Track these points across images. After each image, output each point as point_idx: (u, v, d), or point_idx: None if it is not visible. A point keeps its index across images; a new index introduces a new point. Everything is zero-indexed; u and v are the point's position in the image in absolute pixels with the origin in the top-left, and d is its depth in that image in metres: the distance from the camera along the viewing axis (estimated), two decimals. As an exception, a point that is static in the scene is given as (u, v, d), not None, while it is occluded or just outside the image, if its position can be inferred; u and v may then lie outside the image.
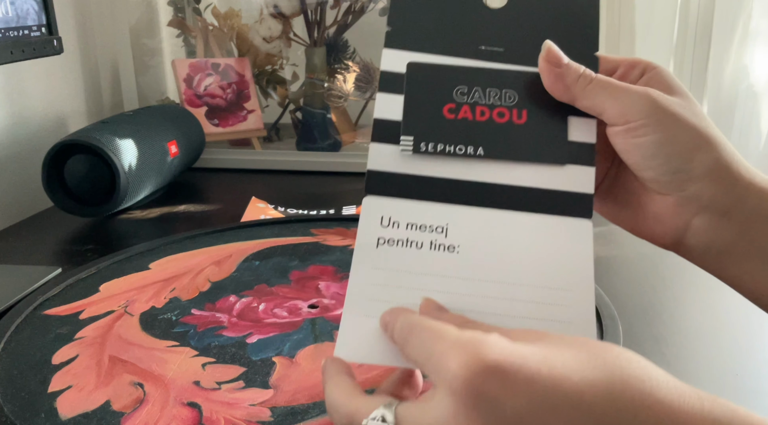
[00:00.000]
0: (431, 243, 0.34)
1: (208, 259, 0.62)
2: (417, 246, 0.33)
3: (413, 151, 0.35)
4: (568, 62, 0.35)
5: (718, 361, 0.48)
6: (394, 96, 0.36)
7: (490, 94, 0.35)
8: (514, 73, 0.36)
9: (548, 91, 0.35)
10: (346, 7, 1.05)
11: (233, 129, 1.07)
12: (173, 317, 0.51)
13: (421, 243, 0.34)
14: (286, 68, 1.11)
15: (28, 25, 0.68)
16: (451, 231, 0.34)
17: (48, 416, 0.40)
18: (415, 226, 0.34)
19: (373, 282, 0.33)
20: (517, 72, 0.36)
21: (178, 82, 1.05)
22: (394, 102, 0.36)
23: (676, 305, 0.56)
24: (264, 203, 0.84)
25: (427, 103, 0.35)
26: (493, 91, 0.35)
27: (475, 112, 0.35)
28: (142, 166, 0.81)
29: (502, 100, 0.35)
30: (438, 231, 0.34)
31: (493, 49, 0.36)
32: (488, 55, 0.36)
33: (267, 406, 0.40)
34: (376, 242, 0.34)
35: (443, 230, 0.34)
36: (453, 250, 0.33)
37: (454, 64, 0.36)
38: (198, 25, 1.09)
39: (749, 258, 0.34)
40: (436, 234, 0.34)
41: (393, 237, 0.34)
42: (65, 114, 1.03)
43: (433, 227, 0.34)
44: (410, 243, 0.33)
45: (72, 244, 0.75)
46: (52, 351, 0.47)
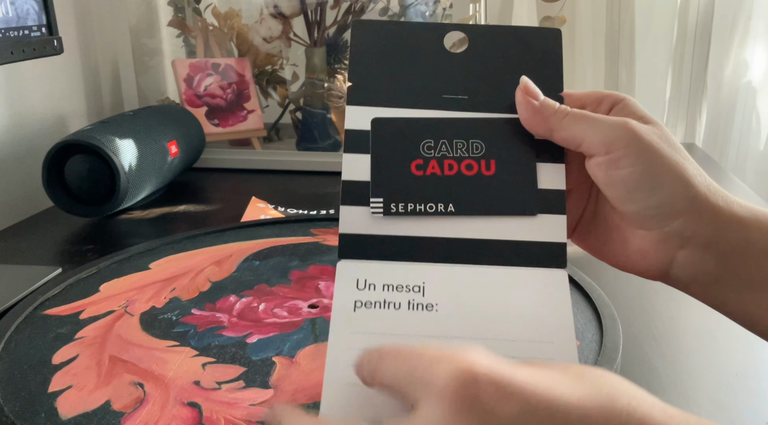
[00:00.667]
0: (409, 303, 0.33)
1: (208, 259, 0.62)
2: (395, 307, 0.33)
3: (384, 214, 0.34)
4: (544, 97, 0.35)
5: (718, 361, 0.48)
6: (361, 155, 0.35)
7: (456, 146, 0.35)
8: (479, 122, 0.35)
9: (525, 125, 0.35)
10: (346, 7, 1.05)
11: (233, 129, 1.07)
12: (173, 317, 0.51)
13: (398, 304, 0.33)
14: (286, 68, 1.11)
15: (29, 25, 0.68)
16: (428, 289, 0.33)
17: (48, 416, 0.40)
18: (392, 287, 0.33)
19: (353, 347, 0.31)
20: (482, 120, 0.35)
21: (178, 82, 1.05)
22: (360, 161, 0.35)
23: (676, 305, 0.56)
24: (264, 203, 0.84)
25: (394, 161, 0.35)
26: (460, 143, 0.35)
27: (443, 166, 0.35)
28: (142, 166, 0.81)
29: (469, 152, 0.35)
30: (415, 291, 0.33)
31: (456, 97, 0.36)
32: (452, 104, 0.36)
33: (267, 406, 0.40)
34: (353, 306, 0.33)
35: (420, 289, 0.33)
36: (431, 309, 0.33)
37: (419, 117, 0.35)
38: (198, 25, 1.09)
39: (736, 288, 0.34)
40: (413, 294, 0.33)
41: (370, 300, 0.33)
42: (65, 114, 1.03)
43: (409, 286, 0.33)
44: (388, 305, 0.33)
45: (72, 244, 0.75)
46: (53, 351, 0.47)
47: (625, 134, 0.33)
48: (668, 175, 0.33)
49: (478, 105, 0.36)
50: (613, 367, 0.43)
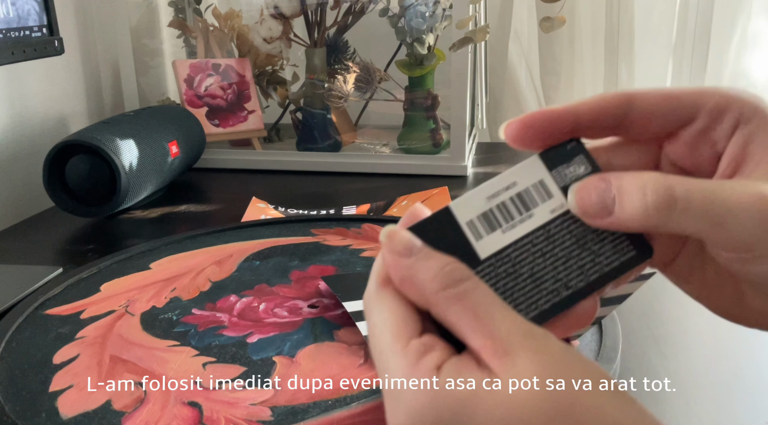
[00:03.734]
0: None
1: (209, 259, 0.62)
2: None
3: None
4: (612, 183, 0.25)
5: (718, 361, 0.48)
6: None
7: None
8: None
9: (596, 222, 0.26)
10: (346, 7, 1.05)
11: (234, 129, 1.07)
12: (174, 317, 0.51)
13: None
14: (287, 69, 1.12)
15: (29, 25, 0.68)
16: None
17: (49, 415, 0.40)
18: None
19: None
20: None
21: (179, 82, 1.05)
22: None
23: (676, 305, 0.56)
24: (264, 203, 0.84)
25: None
26: None
27: None
28: (143, 166, 0.81)
29: None
30: None
31: None
32: None
33: (267, 406, 0.40)
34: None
35: None
36: None
37: None
38: (198, 26, 1.09)
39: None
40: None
41: None
42: (66, 114, 1.03)
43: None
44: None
45: (73, 244, 0.75)
46: (53, 350, 0.47)
47: (765, 228, 0.23)
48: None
49: None
50: (613, 367, 0.43)
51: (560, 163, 0.28)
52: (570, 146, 0.28)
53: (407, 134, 1.05)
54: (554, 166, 0.28)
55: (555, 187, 0.28)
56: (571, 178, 0.27)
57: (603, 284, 0.27)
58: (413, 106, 1.05)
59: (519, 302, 0.27)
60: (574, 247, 0.27)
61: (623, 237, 0.27)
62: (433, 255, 0.25)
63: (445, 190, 0.85)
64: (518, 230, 0.27)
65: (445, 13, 1.00)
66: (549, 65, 1.26)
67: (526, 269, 0.27)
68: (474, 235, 0.27)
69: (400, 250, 0.25)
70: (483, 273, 0.26)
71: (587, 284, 0.27)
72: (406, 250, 0.25)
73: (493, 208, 0.27)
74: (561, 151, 0.28)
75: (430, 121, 1.05)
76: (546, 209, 0.27)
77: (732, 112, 0.26)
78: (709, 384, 0.45)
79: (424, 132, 1.04)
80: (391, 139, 1.08)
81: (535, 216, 0.27)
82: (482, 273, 0.26)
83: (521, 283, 0.27)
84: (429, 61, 1.01)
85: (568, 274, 0.27)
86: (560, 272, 0.27)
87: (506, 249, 0.27)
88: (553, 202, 0.27)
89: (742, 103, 0.26)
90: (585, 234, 0.27)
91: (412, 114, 1.05)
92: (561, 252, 0.27)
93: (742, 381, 0.46)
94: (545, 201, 0.27)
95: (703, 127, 0.26)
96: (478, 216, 0.27)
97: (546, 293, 0.27)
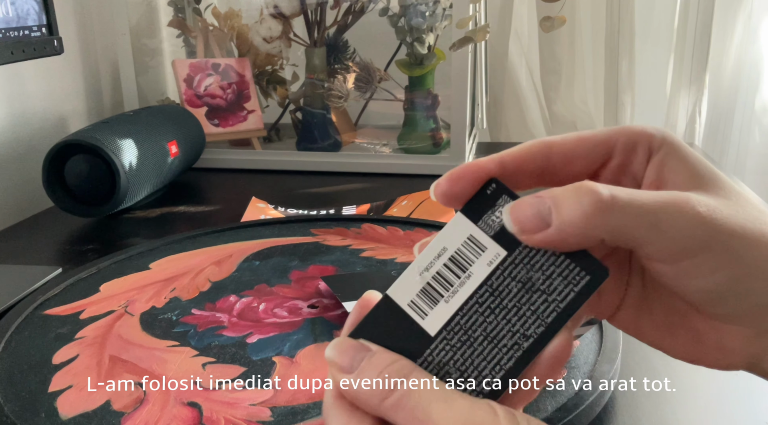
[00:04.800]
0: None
1: (208, 259, 0.62)
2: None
3: None
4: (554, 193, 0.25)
5: (717, 361, 0.48)
6: None
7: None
8: None
9: (537, 241, 0.25)
10: (346, 7, 1.05)
11: (233, 129, 1.07)
12: (173, 317, 0.51)
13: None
14: (286, 68, 1.12)
15: (29, 25, 0.68)
16: None
17: (48, 416, 0.40)
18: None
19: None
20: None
21: (179, 82, 1.05)
22: None
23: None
24: (264, 203, 0.84)
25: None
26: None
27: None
28: (143, 166, 0.81)
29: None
30: None
31: None
32: None
33: (267, 406, 0.40)
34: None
35: None
36: None
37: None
38: (198, 26, 1.09)
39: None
40: None
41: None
42: (65, 114, 1.03)
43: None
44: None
45: (72, 244, 0.75)
46: (53, 351, 0.47)
47: (700, 230, 0.24)
48: (765, 274, 0.24)
49: None
50: (612, 367, 0.43)
51: (485, 212, 0.26)
52: (490, 189, 0.26)
53: (407, 134, 1.05)
54: (479, 217, 0.26)
55: (485, 237, 0.26)
56: (499, 223, 0.26)
57: (562, 322, 0.25)
58: (413, 105, 1.05)
59: (482, 368, 0.25)
60: (522, 293, 0.25)
61: (571, 265, 0.25)
62: (368, 367, 0.25)
63: (445, 189, 0.85)
64: (461, 295, 0.26)
65: (445, 13, 1.00)
66: (549, 65, 1.26)
67: (479, 332, 0.26)
68: (418, 315, 0.26)
69: (339, 368, 0.25)
70: (438, 350, 0.26)
71: (546, 327, 0.25)
72: (345, 368, 0.25)
73: (430, 281, 0.26)
74: (482, 198, 0.26)
75: (430, 121, 1.05)
76: (483, 263, 0.26)
77: (642, 144, 0.27)
78: (709, 384, 0.45)
79: (424, 132, 1.04)
80: (391, 138, 1.08)
81: (474, 274, 0.26)
82: (437, 349, 0.26)
83: (479, 348, 0.26)
84: (429, 60, 1.01)
85: (524, 323, 0.25)
86: (515, 324, 0.25)
87: (454, 318, 0.26)
88: (487, 254, 0.26)
89: (650, 136, 0.27)
90: (530, 275, 0.25)
91: (412, 114, 1.05)
92: (510, 302, 0.26)
93: (742, 381, 0.46)
94: (480, 255, 0.26)
95: (620, 163, 0.27)
96: (417, 294, 0.26)
97: (507, 350, 0.25)
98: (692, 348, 0.28)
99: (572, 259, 0.25)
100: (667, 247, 0.24)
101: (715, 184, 0.26)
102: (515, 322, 0.25)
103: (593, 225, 0.23)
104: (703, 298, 0.25)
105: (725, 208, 0.25)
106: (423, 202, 0.82)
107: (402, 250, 0.63)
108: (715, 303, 0.25)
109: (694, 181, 0.26)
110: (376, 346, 0.26)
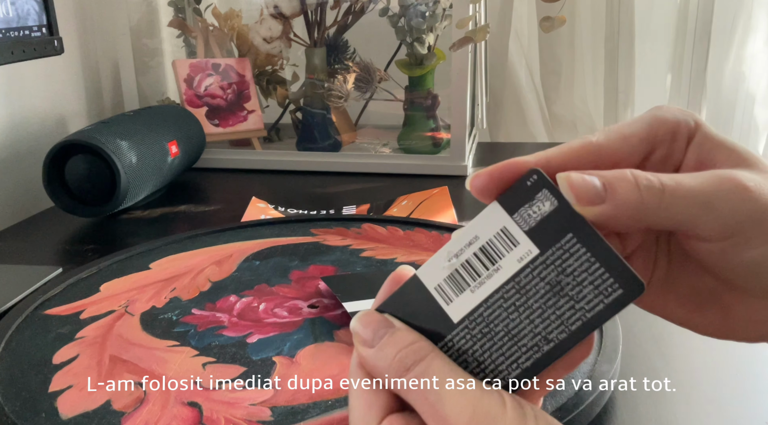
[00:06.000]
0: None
1: (209, 259, 0.62)
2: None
3: None
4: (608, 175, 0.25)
5: (718, 361, 0.48)
6: None
7: None
8: None
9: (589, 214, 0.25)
10: (346, 7, 1.05)
11: (233, 129, 1.07)
12: (173, 317, 0.51)
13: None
14: (287, 68, 1.12)
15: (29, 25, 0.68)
16: None
17: (48, 415, 0.40)
18: None
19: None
20: None
21: (179, 82, 1.05)
22: None
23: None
24: (264, 203, 0.84)
25: None
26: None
27: None
28: (143, 166, 0.81)
29: None
30: None
31: None
32: None
33: (267, 406, 0.40)
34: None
35: None
36: None
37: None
38: (198, 26, 1.09)
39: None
40: None
41: None
42: (66, 114, 1.03)
43: None
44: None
45: (72, 244, 0.75)
46: (53, 350, 0.47)
47: (750, 209, 0.24)
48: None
49: None
50: (613, 367, 0.43)
51: (521, 204, 0.25)
52: (530, 181, 0.25)
53: (407, 134, 1.05)
54: (515, 209, 0.25)
55: (519, 232, 0.25)
56: (536, 218, 0.25)
57: (587, 333, 0.24)
58: (413, 105, 1.05)
59: (499, 363, 0.25)
60: (549, 296, 0.25)
61: (605, 274, 0.24)
62: (388, 343, 0.26)
63: (445, 189, 0.85)
64: (487, 287, 0.25)
65: (445, 13, 1.00)
66: (549, 65, 1.26)
67: (501, 327, 0.25)
68: (444, 300, 0.26)
69: (362, 340, 0.26)
70: (459, 338, 0.26)
71: (569, 335, 0.25)
72: (366, 341, 0.26)
73: (458, 268, 0.26)
74: (520, 189, 0.25)
75: (430, 121, 1.05)
76: (513, 259, 0.25)
77: (681, 133, 0.27)
78: (709, 384, 0.45)
79: (424, 132, 1.04)
80: (391, 138, 1.08)
81: (503, 268, 0.25)
82: (458, 337, 0.26)
83: (498, 343, 0.25)
84: (429, 60, 1.01)
85: (547, 327, 0.25)
86: (537, 326, 0.25)
87: (478, 309, 0.25)
88: (519, 249, 0.25)
89: (686, 123, 0.27)
90: (560, 279, 0.25)
91: (412, 114, 1.05)
92: (535, 303, 0.25)
93: (742, 381, 0.46)
94: (511, 250, 0.25)
95: (663, 155, 0.27)
96: (444, 280, 0.26)
97: (526, 350, 0.25)
98: (721, 323, 0.28)
99: (607, 269, 0.24)
100: (719, 226, 0.24)
101: (753, 161, 0.26)
102: (538, 324, 0.25)
103: (646, 208, 0.24)
104: (741, 273, 0.26)
105: (762, 181, 0.25)
106: (423, 201, 0.82)
107: (402, 250, 0.63)
108: (752, 277, 0.26)
109: (733, 159, 0.26)
110: (399, 323, 0.26)
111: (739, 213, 0.24)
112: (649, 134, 0.27)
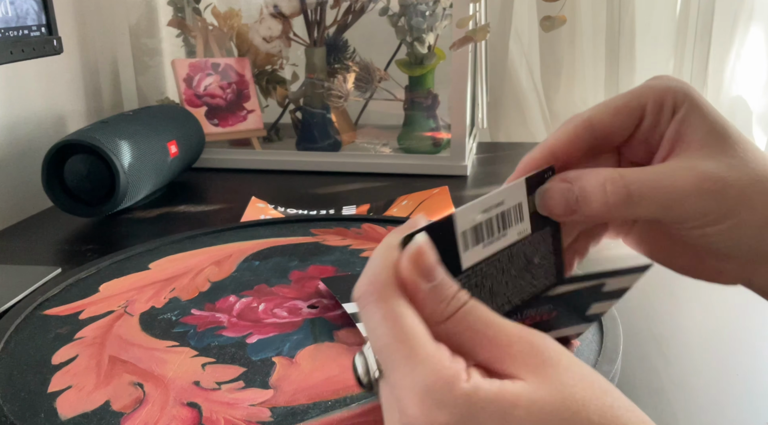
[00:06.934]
0: None
1: (208, 259, 0.62)
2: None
3: None
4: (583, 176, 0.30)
5: (718, 361, 0.48)
6: None
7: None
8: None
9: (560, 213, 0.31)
10: (346, 7, 1.05)
11: (233, 129, 1.07)
12: (173, 317, 0.51)
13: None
14: (286, 68, 1.11)
15: (28, 25, 0.68)
16: None
17: (48, 416, 0.40)
18: None
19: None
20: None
21: (178, 81, 1.05)
22: None
23: (676, 305, 0.56)
24: (264, 203, 0.83)
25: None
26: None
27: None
28: (142, 166, 0.81)
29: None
30: None
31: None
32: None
33: (267, 406, 0.40)
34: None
35: None
36: None
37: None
38: (198, 25, 1.09)
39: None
40: None
41: None
42: (65, 114, 1.03)
43: None
44: None
45: (72, 244, 0.75)
46: (52, 351, 0.47)
47: (713, 205, 0.28)
48: (760, 221, 0.29)
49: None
50: (613, 367, 0.43)
51: (535, 190, 0.30)
52: (547, 175, 0.31)
53: (407, 134, 1.05)
54: (532, 192, 0.30)
55: (527, 212, 0.30)
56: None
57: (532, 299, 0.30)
58: (413, 105, 1.04)
59: None
60: (522, 268, 0.30)
61: (552, 265, 0.31)
62: (442, 286, 0.25)
63: (445, 189, 0.85)
64: (493, 247, 0.29)
65: (445, 12, 1.00)
66: (550, 64, 1.26)
67: (488, 283, 0.29)
68: (463, 246, 0.27)
69: (422, 273, 0.25)
70: (459, 283, 0.27)
71: (521, 301, 0.30)
72: (428, 276, 0.25)
73: (483, 222, 0.28)
74: (541, 177, 0.31)
75: (430, 121, 1.05)
76: (515, 231, 0.29)
77: (668, 102, 0.30)
78: (709, 384, 0.45)
79: (424, 132, 1.04)
80: (391, 138, 1.08)
81: (506, 236, 0.29)
82: (459, 283, 0.27)
83: (482, 296, 0.28)
84: (429, 60, 1.01)
85: (512, 292, 0.29)
86: (510, 289, 0.29)
87: (480, 264, 0.28)
88: (521, 225, 0.30)
89: (674, 92, 0.30)
90: (531, 258, 0.30)
91: (412, 113, 1.05)
92: (514, 271, 0.29)
93: (742, 381, 0.46)
94: (517, 223, 0.30)
95: (651, 123, 0.30)
96: (470, 228, 0.28)
97: (495, 308, 0.28)
98: (695, 267, 0.33)
99: (555, 262, 0.31)
100: (679, 219, 0.29)
101: (727, 142, 0.29)
102: (511, 288, 0.30)
103: (613, 215, 0.29)
104: (705, 242, 0.29)
105: (732, 170, 0.28)
106: (423, 201, 0.82)
107: (402, 250, 0.63)
108: (714, 245, 0.29)
109: (709, 138, 0.29)
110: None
111: (697, 209, 0.28)
112: (639, 103, 0.30)
